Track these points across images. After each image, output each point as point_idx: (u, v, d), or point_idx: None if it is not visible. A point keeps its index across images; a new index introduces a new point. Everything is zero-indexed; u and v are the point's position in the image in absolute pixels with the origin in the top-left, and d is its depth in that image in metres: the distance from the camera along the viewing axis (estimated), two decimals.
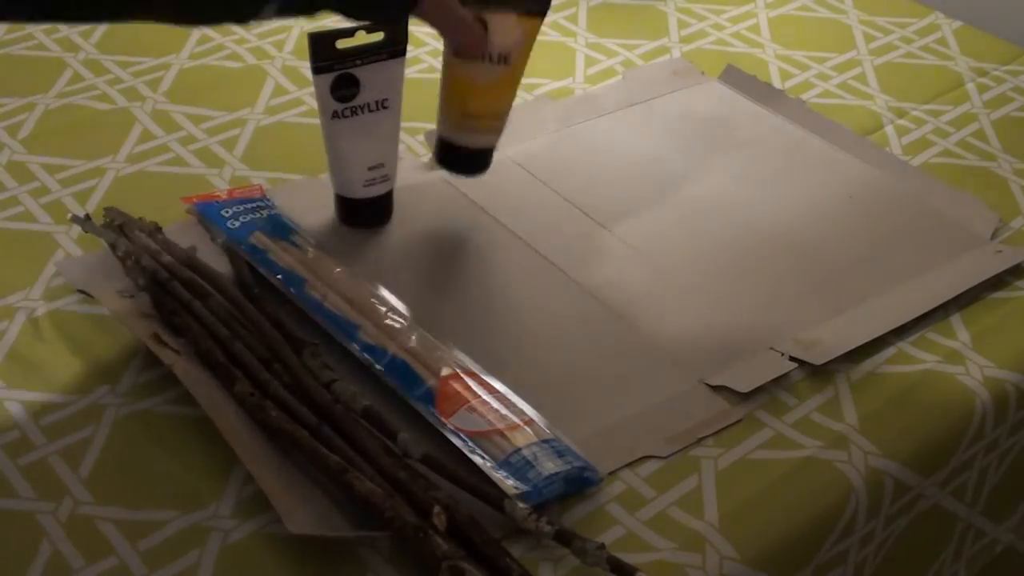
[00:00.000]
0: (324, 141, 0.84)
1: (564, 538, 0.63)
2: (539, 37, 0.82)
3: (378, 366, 0.73)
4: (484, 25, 0.79)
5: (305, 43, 0.80)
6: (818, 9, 1.18)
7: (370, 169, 0.84)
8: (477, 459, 0.67)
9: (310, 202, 0.88)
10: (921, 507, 0.76)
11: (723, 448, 0.71)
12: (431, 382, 0.71)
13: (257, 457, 0.66)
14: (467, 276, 0.84)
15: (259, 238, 0.82)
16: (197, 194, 0.87)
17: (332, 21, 1.10)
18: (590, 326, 0.80)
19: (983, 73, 1.09)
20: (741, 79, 1.05)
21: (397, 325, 0.75)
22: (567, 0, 1.16)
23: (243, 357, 0.72)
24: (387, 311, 0.77)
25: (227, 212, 0.84)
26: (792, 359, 0.77)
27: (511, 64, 0.81)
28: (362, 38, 0.81)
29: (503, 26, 0.80)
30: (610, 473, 0.69)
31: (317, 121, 0.84)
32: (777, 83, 1.06)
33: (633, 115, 1.01)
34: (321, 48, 0.80)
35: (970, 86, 1.07)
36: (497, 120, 0.85)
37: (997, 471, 0.81)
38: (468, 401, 0.70)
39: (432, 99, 0.84)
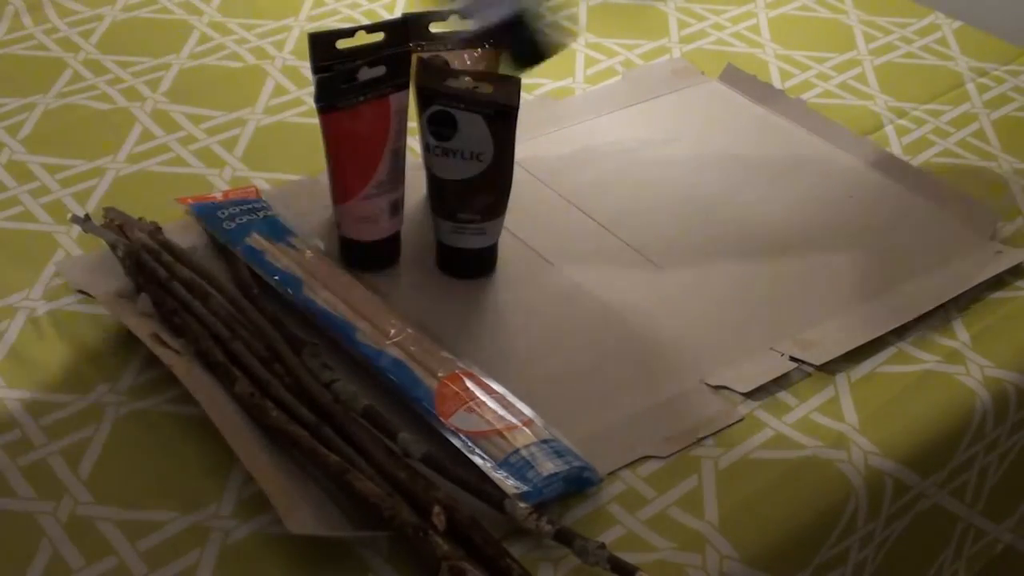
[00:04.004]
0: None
1: (564, 538, 0.63)
2: None
3: (376, 367, 0.73)
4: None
5: (305, 43, 0.80)
6: (818, 9, 1.18)
7: None
8: (477, 459, 0.67)
9: (310, 203, 0.88)
10: (921, 507, 0.76)
11: (723, 448, 0.71)
12: (430, 383, 0.71)
13: (257, 457, 0.66)
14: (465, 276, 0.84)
15: (256, 239, 0.82)
16: (194, 195, 0.87)
17: (332, 21, 1.10)
18: (590, 326, 0.80)
19: (983, 73, 1.09)
20: (741, 79, 1.05)
21: (395, 326, 0.75)
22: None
23: (243, 357, 0.71)
24: (385, 312, 0.77)
25: (223, 213, 0.84)
26: (792, 359, 0.77)
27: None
28: (362, 38, 0.81)
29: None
30: (610, 473, 0.69)
31: (317, 121, 0.83)
32: (777, 83, 1.06)
33: (633, 115, 1.01)
34: (321, 48, 0.79)
35: (970, 86, 1.07)
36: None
37: (997, 471, 0.81)
38: (467, 402, 0.70)
39: None
